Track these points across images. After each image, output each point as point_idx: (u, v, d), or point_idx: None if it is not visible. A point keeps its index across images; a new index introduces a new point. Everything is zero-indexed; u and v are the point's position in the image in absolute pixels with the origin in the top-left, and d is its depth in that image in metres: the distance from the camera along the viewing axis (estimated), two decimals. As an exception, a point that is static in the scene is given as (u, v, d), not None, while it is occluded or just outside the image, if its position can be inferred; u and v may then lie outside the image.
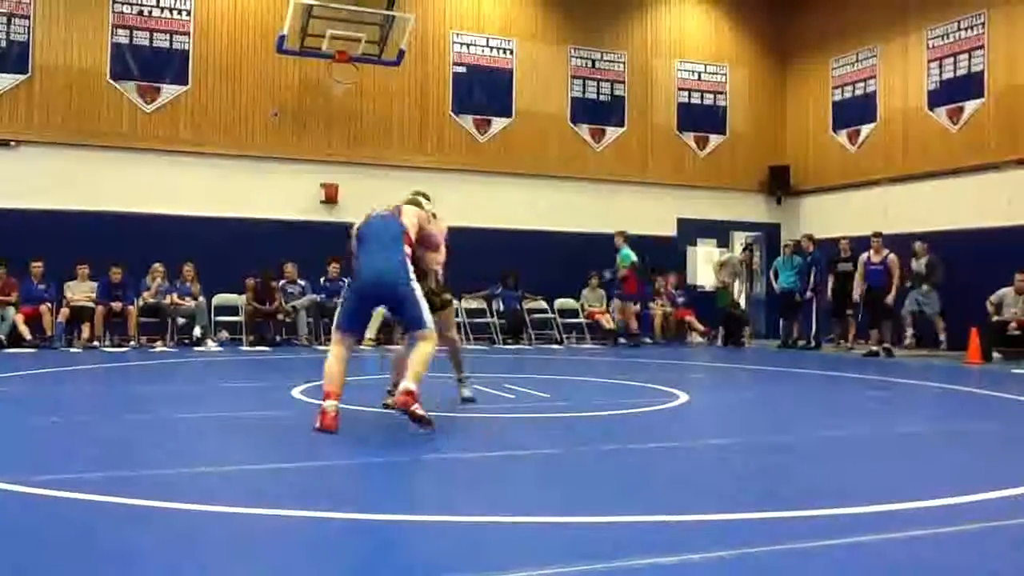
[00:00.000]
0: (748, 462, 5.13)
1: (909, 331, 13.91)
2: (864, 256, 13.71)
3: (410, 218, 5.89)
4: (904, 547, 3.25)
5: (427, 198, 6.39)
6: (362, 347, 11.43)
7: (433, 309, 5.93)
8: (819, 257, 15.02)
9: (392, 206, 6.05)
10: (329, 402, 5.42)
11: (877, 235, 13.76)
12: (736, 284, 16.84)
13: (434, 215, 6.40)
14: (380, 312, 6.23)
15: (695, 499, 4.05)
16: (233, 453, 5.13)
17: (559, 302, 15.92)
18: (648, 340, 15.48)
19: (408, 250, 5.73)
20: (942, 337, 13.78)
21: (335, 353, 5.66)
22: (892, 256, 13.55)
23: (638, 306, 15.34)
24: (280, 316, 13.97)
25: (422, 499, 4.06)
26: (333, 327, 5.96)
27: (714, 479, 4.65)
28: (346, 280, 14.38)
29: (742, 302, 17.03)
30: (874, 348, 13.37)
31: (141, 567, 2.94)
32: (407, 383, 5.34)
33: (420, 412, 5.27)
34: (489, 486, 4.37)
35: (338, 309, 6.00)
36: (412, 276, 5.65)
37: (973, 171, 14.52)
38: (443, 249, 6.49)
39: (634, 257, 14.89)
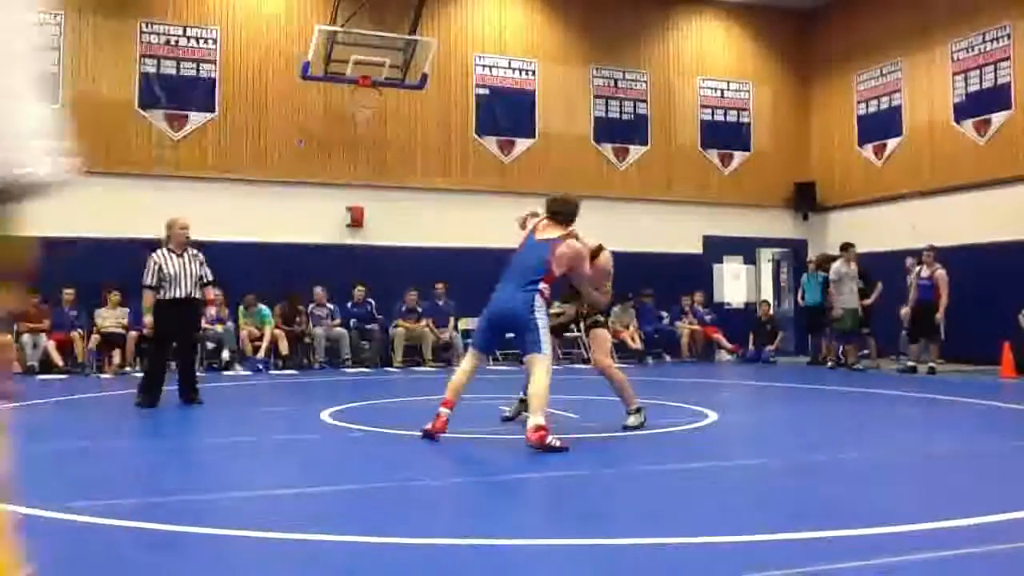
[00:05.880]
0: (776, 482, 5.08)
1: None
2: (916, 270, 13.37)
3: (560, 257, 6.14)
4: (936, 568, 3.21)
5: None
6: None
7: (585, 330, 6.77)
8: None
9: (545, 233, 6.29)
10: (444, 409, 5.98)
11: (930, 249, 13.27)
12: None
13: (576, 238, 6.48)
14: None
15: (722, 520, 4.01)
16: (264, 477, 5.15)
17: (585, 321, 15.82)
18: None
19: (544, 286, 6.04)
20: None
21: (463, 367, 6.24)
22: (940, 271, 13.00)
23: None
24: (307, 340, 14.07)
25: (447, 522, 4.05)
26: (471, 342, 6.58)
27: (742, 500, 4.60)
28: (371, 302, 14.68)
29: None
30: (911, 364, 13.14)
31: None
32: (534, 419, 5.58)
33: (556, 444, 5.53)
34: (516, 507, 4.36)
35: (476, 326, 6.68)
36: (536, 307, 5.93)
37: (1002, 183, 14.34)
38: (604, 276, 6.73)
39: None
